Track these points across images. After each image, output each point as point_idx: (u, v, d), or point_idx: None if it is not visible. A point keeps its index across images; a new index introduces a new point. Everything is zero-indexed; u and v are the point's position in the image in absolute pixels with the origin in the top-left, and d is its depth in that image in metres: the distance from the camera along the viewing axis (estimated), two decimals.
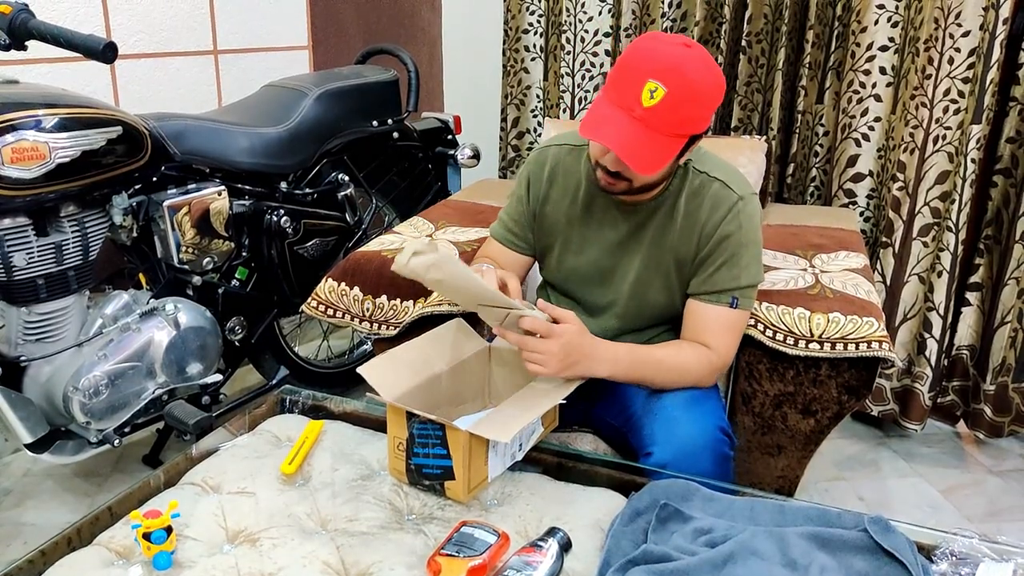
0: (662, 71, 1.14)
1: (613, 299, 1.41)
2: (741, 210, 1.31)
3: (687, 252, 1.34)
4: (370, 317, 1.65)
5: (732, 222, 1.31)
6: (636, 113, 1.16)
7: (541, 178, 1.43)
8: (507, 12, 2.69)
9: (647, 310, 1.40)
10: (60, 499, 1.93)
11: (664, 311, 1.40)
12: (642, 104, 1.15)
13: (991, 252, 2.18)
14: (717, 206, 1.32)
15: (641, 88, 1.14)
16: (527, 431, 1.20)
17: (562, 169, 1.42)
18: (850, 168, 2.26)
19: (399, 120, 2.28)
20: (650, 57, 1.16)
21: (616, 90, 1.18)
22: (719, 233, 1.31)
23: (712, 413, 1.29)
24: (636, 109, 1.15)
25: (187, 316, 1.80)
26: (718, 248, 1.32)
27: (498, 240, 1.50)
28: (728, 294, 1.32)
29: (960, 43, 1.97)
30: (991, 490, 2.07)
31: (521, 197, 1.46)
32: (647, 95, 1.14)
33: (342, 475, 1.20)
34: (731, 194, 1.32)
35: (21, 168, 1.48)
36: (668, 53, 1.16)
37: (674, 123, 1.17)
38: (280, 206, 2.01)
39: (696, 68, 1.16)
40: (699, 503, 1.09)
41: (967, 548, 0.99)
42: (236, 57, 2.42)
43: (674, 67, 1.15)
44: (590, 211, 1.40)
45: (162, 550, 0.99)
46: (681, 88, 1.15)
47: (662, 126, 1.16)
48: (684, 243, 1.34)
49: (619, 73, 1.19)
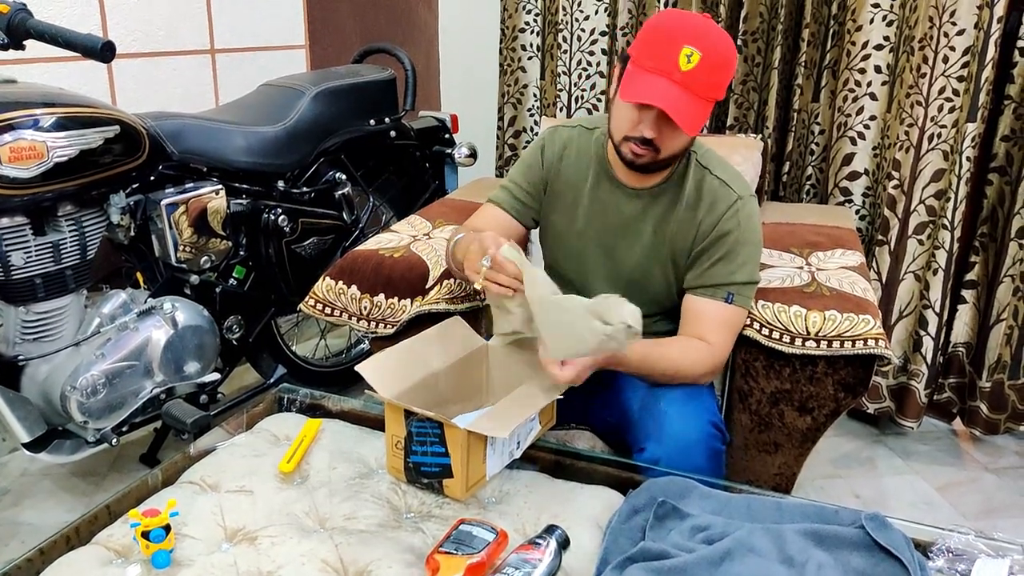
0: (695, 37, 1.19)
1: (614, 281, 1.43)
2: (740, 209, 1.34)
3: (684, 244, 1.37)
4: (367, 316, 1.66)
5: (731, 220, 1.33)
6: (676, 77, 1.19)
7: (555, 151, 1.46)
8: (504, 11, 2.69)
9: (647, 296, 1.41)
10: (57, 498, 1.93)
11: (663, 299, 1.43)
12: (680, 68, 1.18)
13: (987, 250, 2.18)
14: (716, 203, 1.34)
15: (678, 53, 1.18)
16: (525, 429, 1.20)
17: (575, 148, 1.45)
18: (846, 166, 2.27)
19: (396, 119, 2.28)
20: (681, 25, 1.20)
21: (652, 58, 1.21)
22: (717, 229, 1.34)
23: (705, 408, 1.30)
24: (675, 73, 1.19)
25: (185, 315, 1.80)
26: (715, 244, 1.34)
27: (501, 206, 1.49)
28: (724, 289, 1.34)
29: (955, 41, 1.98)
30: (987, 487, 2.08)
31: (535, 165, 1.47)
32: (684, 59, 1.18)
33: (340, 473, 1.20)
34: (731, 193, 1.35)
35: (19, 167, 1.48)
36: (696, 21, 1.21)
37: (709, 86, 1.21)
38: (277, 205, 2.01)
39: (722, 36, 1.22)
40: (696, 500, 1.09)
41: (963, 544, 0.99)
42: (233, 56, 2.41)
43: (705, 33, 1.20)
44: (596, 192, 1.42)
45: (161, 548, 1.00)
46: (714, 53, 1.19)
47: (700, 89, 1.20)
48: (682, 235, 1.37)
49: (652, 40, 1.22)
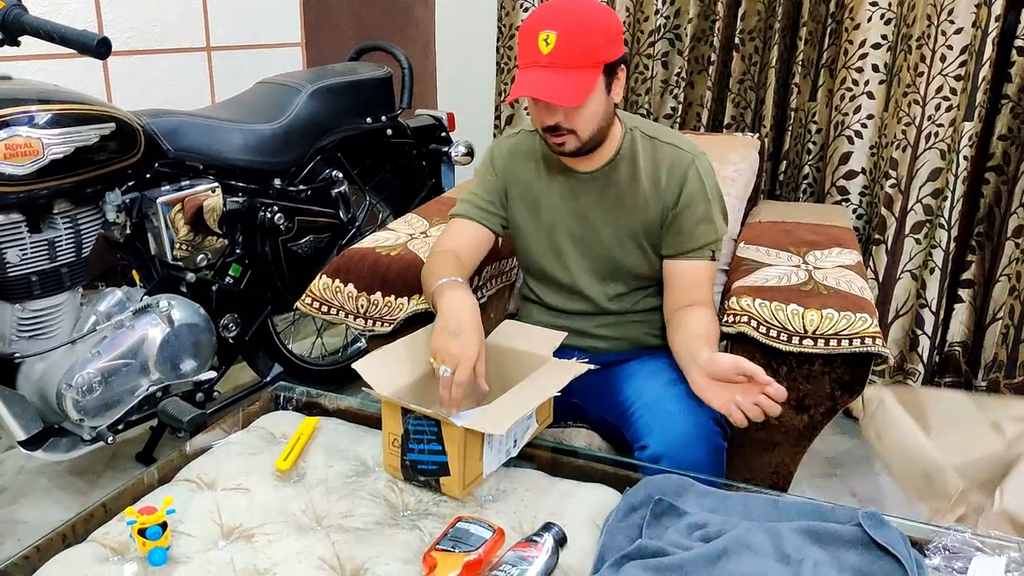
0: (547, 19, 1.24)
1: (591, 266, 1.46)
2: (699, 167, 1.39)
3: (654, 214, 1.40)
4: (364, 314, 1.65)
5: (694, 179, 1.38)
6: (541, 63, 1.24)
7: (503, 158, 1.49)
8: (501, 9, 2.69)
9: (627, 272, 1.46)
10: (54, 497, 1.93)
11: (642, 272, 1.46)
12: (542, 53, 1.23)
13: (983, 249, 2.19)
14: (674, 167, 1.39)
15: (536, 41, 1.24)
16: (522, 426, 1.20)
17: (521, 151, 1.48)
18: (843, 165, 2.27)
19: (393, 117, 2.28)
20: (535, 16, 1.26)
21: (520, 56, 1.27)
22: (685, 193, 1.38)
23: (705, 404, 1.30)
24: (540, 60, 1.24)
25: (181, 313, 1.79)
26: (689, 208, 1.38)
27: (466, 216, 1.49)
28: (707, 248, 1.40)
29: (952, 40, 1.98)
30: None
31: (488, 175, 1.50)
32: (543, 44, 1.23)
33: (337, 471, 1.20)
34: (684, 154, 1.39)
35: (14, 164, 1.47)
36: (554, 5, 1.25)
37: (578, 55, 1.23)
38: (274, 203, 2.01)
39: (579, 5, 1.25)
40: (693, 498, 1.10)
41: (960, 542, 1.00)
42: (229, 54, 2.41)
43: (556, 12, 1.24)
44: (551, 186, 1.45)
45: (157, 546, 1.00)
46: (570, 26, 1.23)
47: (568, 62, 1.23)
48: (649, 206, 1.40)
49: (519, 40, 1.28)
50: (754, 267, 1.62)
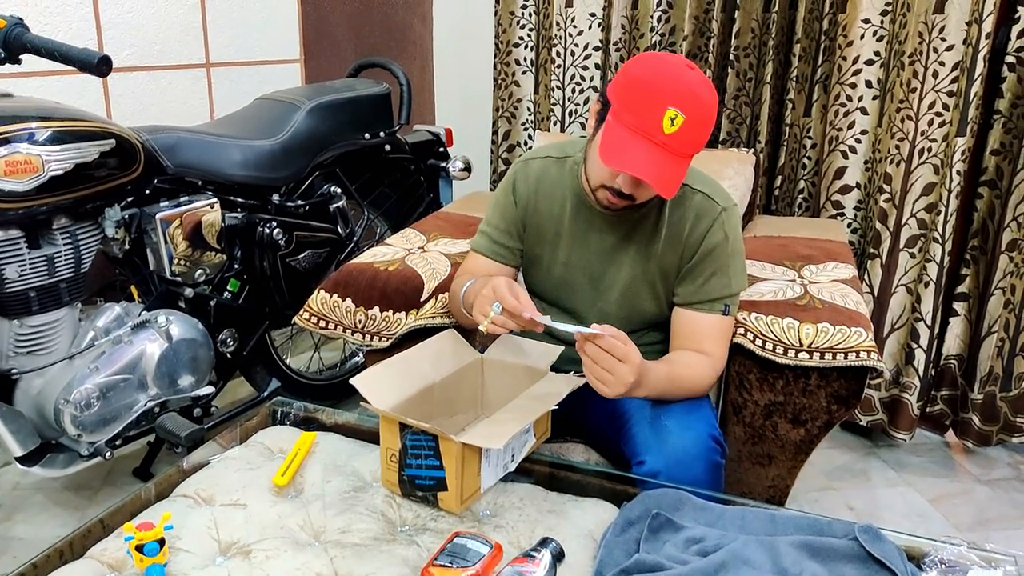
0: (680, 97, 1.17)
1: (603, 307, 1.43)
2: (725, 221, 1.35)
3: (672, 262, 1.37)
4: (362, 329, 1.66)
5: (717, 233, 1.34)
6: (658, 140, 1.18)
7: (528, 187, 1.44)
8: (498, 26, 2.71)
9: (637, 316, 1.43)
10: (50, 512, 1.92)
11: (654, 318, 1.43)
12: (663, 131, 1.17)
13: (977, 263, 2.20)
14: (701, 217, 1.35)
15: (662, 116, 1.17)
16: (519, 441, 1.20)
17: (548, 180, 1.44)
18: (837, 180, 2.29)
19: (391, 133, 2.29)
20: (666, 83, 1.18)
21: (635, 116, 1.19)
22: (705, 244, 1.34)
23: (704, 421, 1.30)
24: (657, 136, 1.17)
25: (179, 328, 1.80)
26: (706, 259, 1.35)
27: (483, 253, 1.49)
28: (721, 302, 1.36)
29: (944, 57, 2.00)
30: (979, 499, 2.09)
31: (508, 204, 1.46)
32: (668, 123, 1.17)
33: (334, 487, 1.20)
34: (714, 205, 1.35)
35: (14, 181, 1.48)
36: (681, 79, 1.18)
37: (691, 145, 1.20)
38: (272, 218, 2.01)
39: (706, 92, 1.20)
40: (691, 512, 1.10)
41: (956, 556, 1.00)
42: (228, 70, 2.42)
43: (689, 93, 1.18)
44: (576, 221, 1.42)
45: (155, 562, 0.99)
46: (698, 114, 1.18)
47: (682, 149, 1.19)
48: (668, 254, 1.37)
49: (635, 98, 1.19)
50: (750, 281, 1.63)
